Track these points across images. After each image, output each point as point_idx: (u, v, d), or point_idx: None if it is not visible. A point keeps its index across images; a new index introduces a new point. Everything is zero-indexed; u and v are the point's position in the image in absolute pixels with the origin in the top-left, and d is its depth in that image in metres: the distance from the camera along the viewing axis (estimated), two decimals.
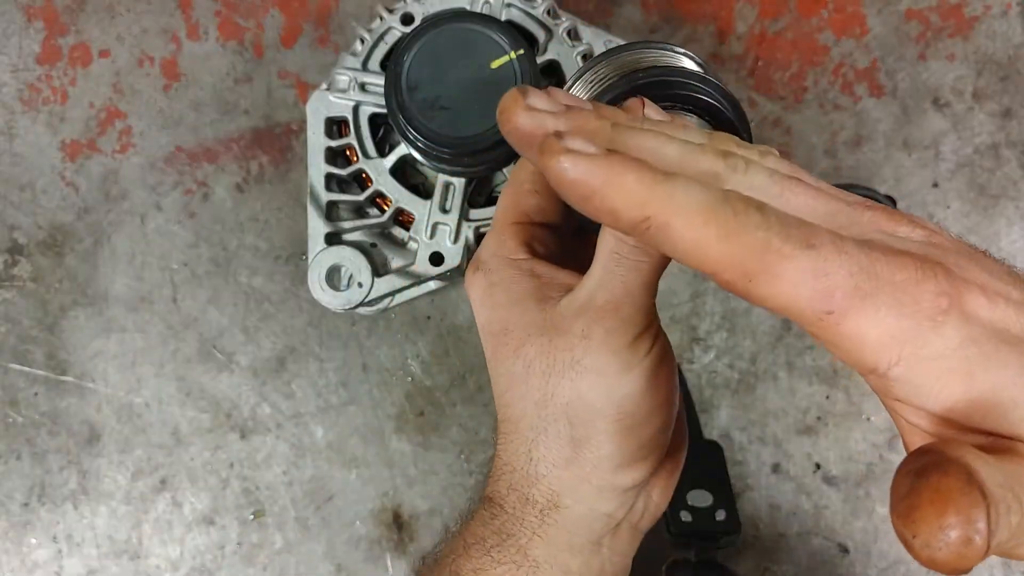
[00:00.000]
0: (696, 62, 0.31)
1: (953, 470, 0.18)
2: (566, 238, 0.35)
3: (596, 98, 0.28)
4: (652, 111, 0.27)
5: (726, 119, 0.28)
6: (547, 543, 0.31)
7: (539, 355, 0.31)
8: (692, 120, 0.29)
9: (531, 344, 0.31)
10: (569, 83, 0.31)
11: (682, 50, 0.31)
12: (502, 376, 0.32)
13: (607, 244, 0.29)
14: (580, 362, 0.30)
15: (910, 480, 0.18)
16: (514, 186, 0.33)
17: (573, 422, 0.30)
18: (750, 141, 0.29)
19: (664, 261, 0.29)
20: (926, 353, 0.20)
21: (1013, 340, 0.20)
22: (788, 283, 0.19)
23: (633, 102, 0.27)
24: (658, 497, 0.34)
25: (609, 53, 0.30)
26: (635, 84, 0.27)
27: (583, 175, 0.20)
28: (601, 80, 0.29)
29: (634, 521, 0.34)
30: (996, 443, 0.20)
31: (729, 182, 0.22)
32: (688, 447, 0.58)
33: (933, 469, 0.18)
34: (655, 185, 0.20)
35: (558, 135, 0.20)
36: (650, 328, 0.30)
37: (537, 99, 0.23)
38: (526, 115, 0.23)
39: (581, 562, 0.32)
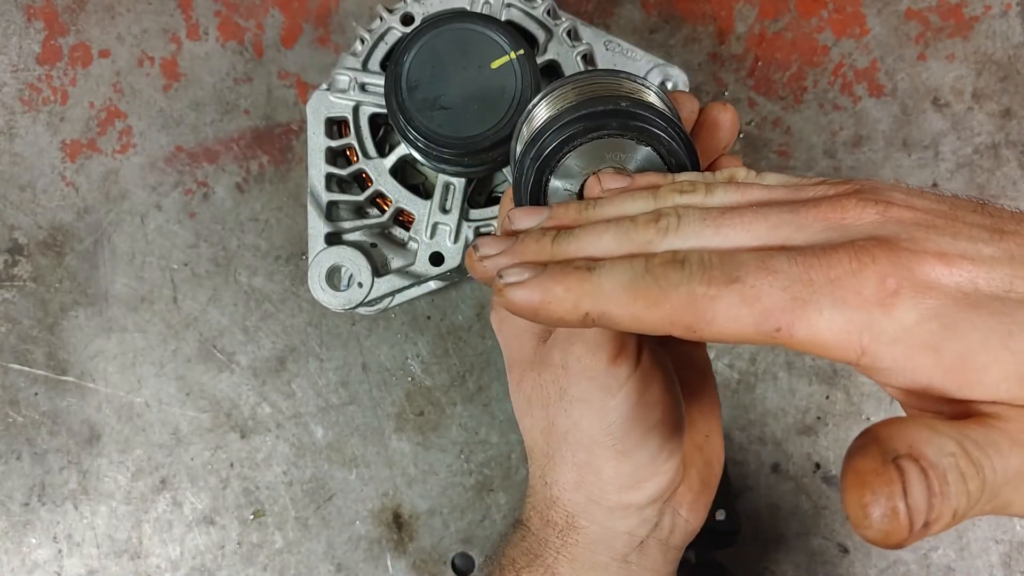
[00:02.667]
0: (660, 97, 0.32)
1: (872, 451, 0.19)
2: None
3: (555, 118, 0.30)
4: (610, 180, 0.28)
5: (677, 155, 0.29)
6: (571, 561, 0.33)
7: (534, 389, 0.33)
8: (642, 152, 0.29)
9: (527, 379, 0.33)
10: (537, 99, 0.32)
11: (651, 84, 0.32)
12: (515, 407, 0.35)
13: None
14: (567, 392, 0.31)
15: (844, 463, 0.19)
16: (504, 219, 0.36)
17: (573, 449, 0.32)
18: (695, 166, 0.30)
19: None
20: (884, 338, 0.20)
21: (982, 301, 0.20)
22: (726, 318, 0.21)
23: (591, 183, 0.29)
24: (687, 513, 0.35)
25: (578, 76, 0.31)
26: (591, 111, 0.29)
27: (524, 300, 0.23)
28: (564, 101, 0.31)
29: (662, 537, 0.34)
30: (970, 409, 0.21)
31: (661, 245, 0.24)
32: None
33: (856, 452, 0.19)
34: (581, 284, 0.22)
35: (500, 275, 0.24)
36: (626, 349, 0.31)
37: (486, 247, 0.26)
38: (480, 265, 0.26)
39: None
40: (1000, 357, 0.20)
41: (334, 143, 0.54)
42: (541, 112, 0.31)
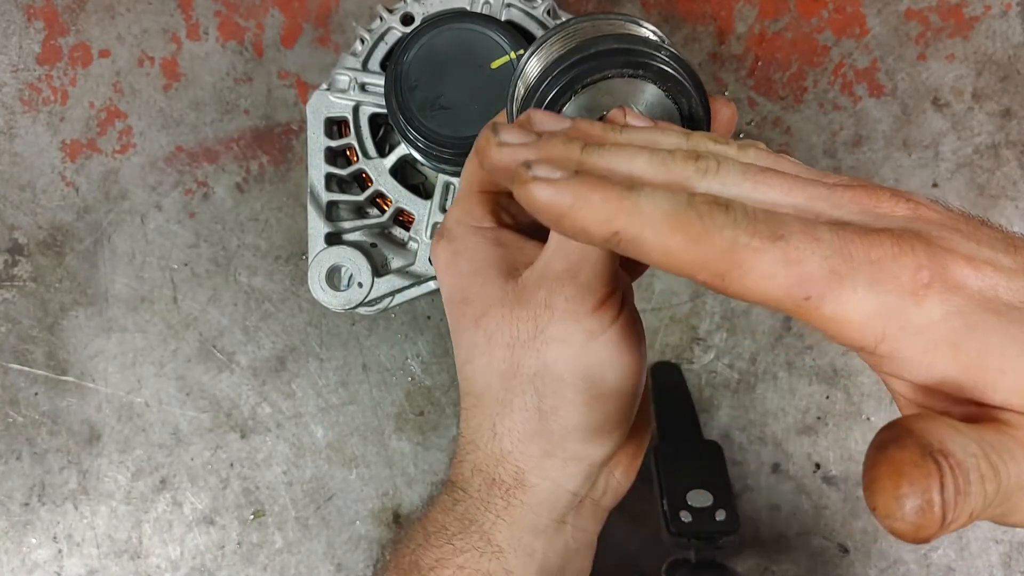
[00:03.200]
0: (652, 31, 0.30)
1: (909, 443, 0.18)
2: None
3: (550, 68, 0.28)
4: (633, 118, 0.27)
5: (682, 85, 0.28)
6: (511, 526, 0.31)
7: (500, 326, 0.30)
8: (652, 89, 0.28)
9: (491, 315, 0.31)
10: (526, 56, 0.30)
11: (639, 19, 0.30)
12: (463, 347, 0.32)
13: None
14: (544, 332, 0.29)
15: (872, 453, 0.19)
16: (475, 153, 0.33)
17: (540, 393, 0.30)
18: (706, 108, 0.29)
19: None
20: (910, 328, 0.20)
21: (1002, 308, 0.20)
22: (761, 276, 0.20)
23: (615, 112, 0.27)
24: (621, 476, 0.34)
25: (566, 24, 0.30)
26: (589, 53, 0.27)
27: (551, 199, 0.21)
28: (555, 50, 0.29)
29: (596, 498, 0.33)
30: (982, 412, 0.20)
31: (700, 185, 0.23)
32: (688, 447, 0.58)
33: (891, 443, 0.19)
34: (620, 200, 0.20)
35: (527, 165, 0.21)
36: (613, 295, 0.30)
37: (508, 134, 0.24)
38: (498, 151, 0.24)
39: (545, 542, 0.31)
40: (1018, 364, 0.20)
41: (334, 143, 0.54)
42: (533, 65, 0.30)
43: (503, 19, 0.52)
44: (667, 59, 0.27)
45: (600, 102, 0.28)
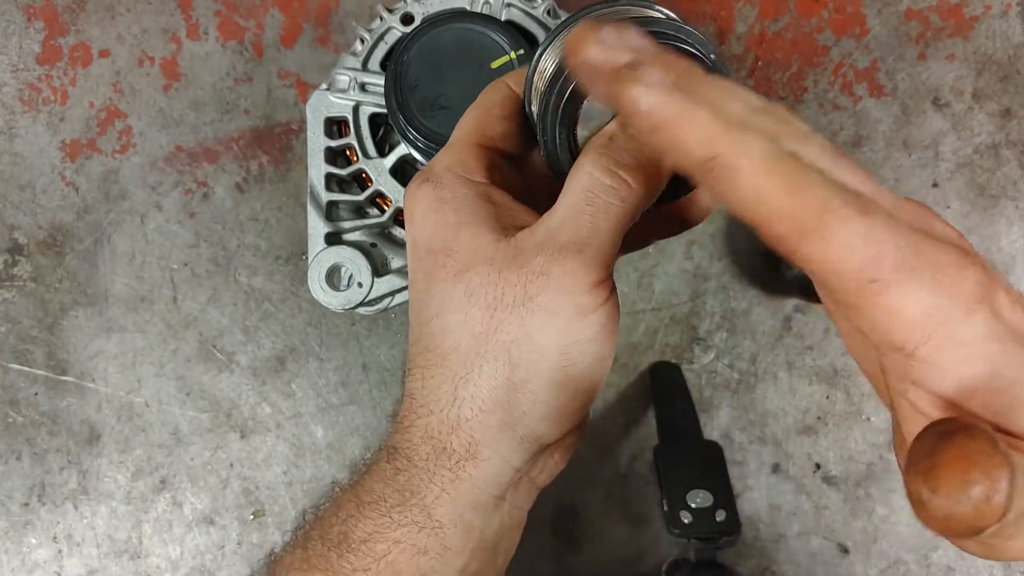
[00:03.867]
0: (667, 14, 0.30)
1: (980, 434, 0.18)
2: (526, 176, 0.33)
3: (564, 59, 0.27)
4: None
5: (701, 58, 0.28)
6: (454, 501, 0.29)
7: (484, 285, 0.29)
8: None
9: (477, 271, 0.29)
10: (542, 47, 0.30)
11: (652, 3, 0.30)
12: (434, 300, 0.30)
13: (581, 182, 0.28)
14: (533, 299, 0.28)
15: (934, 440, 0.19)
16: (481, 109, 0.32)
17: (514, 362, 0.28)
18: (723, 71, 0.29)
19: (638, 209, 0.28)
20: (956, 337, 0.20)
21: None
22: (841, 245, 0.20)
23: (693, 65, 0.26)
24: (559, 458, 0.33)
25: (582, 12, 0.29)
26: None
27: (657, 105, 0.20)
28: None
29: (533, 476, 0.32)
30: (947, 429, 0.21)
31: (788, 146, 0.22)
32: (688, 447, 0.58)
33: (959, 432, 0.19)
34: (728, 125, 0.20)
35: (631, 66, 0.21)
36: (608, 280, 0.29)
37: (608, 35, 0.23)
38: (597, 48, 0.23)
39: (484, 519, 0.30)
40: None
41: (334, 143, 0.54)
42: (548, 58, 0.29)
43: (503, 19, 0.52)
44: (690, 41, 0.27)
45: None
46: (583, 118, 0.29)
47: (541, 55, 0.30)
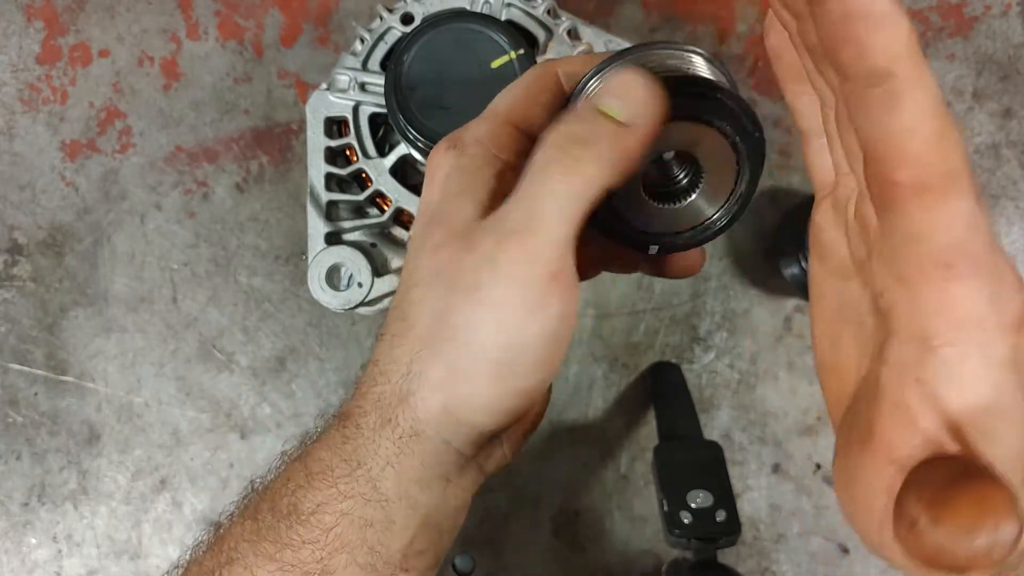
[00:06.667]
0: (711, 63, 0.30)
1: (1004, 487, 0.19)
2: None
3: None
4: None
5: (744, 132, 0.28)
6: (399, 475, 0.29)
7: (448, 265, 0.28)
8: (709, 132, 0.28)
9: (446, 249, 0.28)
10: (579, 87, 0.30)
11: (696, 50, 0.29)
12: (413, 269, 0.29)
13: (537, 155, 0.27)
14: (481, 289, 0.27)
15: (951, 472, 0.19)
16: (526, 90, 0.30)
17: (459, 349, 0.27)
18: (763, 147, 0.29)
19: (600, 190, 0.26)
20: (983, 349, 0.20)
21: None
22: (946, 216, 0.19)
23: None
24: (508, 449, 0.33)
25: (622, 54, 0.29)
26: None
27: None
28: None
29: (481, 463, 0.32)
30: (966, 469, 0.20)
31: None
32: (688, 447, 0.58)
33: (985, 475, 0.19)
34: (919, 52, 0.19)
35: None
36: (563, 274, 0.27)
37: None
38: None
39: (429, 496, 0.30)
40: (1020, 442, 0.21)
41: (334, 143, 0.54)
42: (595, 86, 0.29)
43: (503, 19, 0.52)
44: (728, 104, 0.27)
45: (662, 140, 0.28)
46: None
47: (586, 86, 0.30)
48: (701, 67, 0.30)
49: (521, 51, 0.49)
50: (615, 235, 0.30)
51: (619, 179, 0.27)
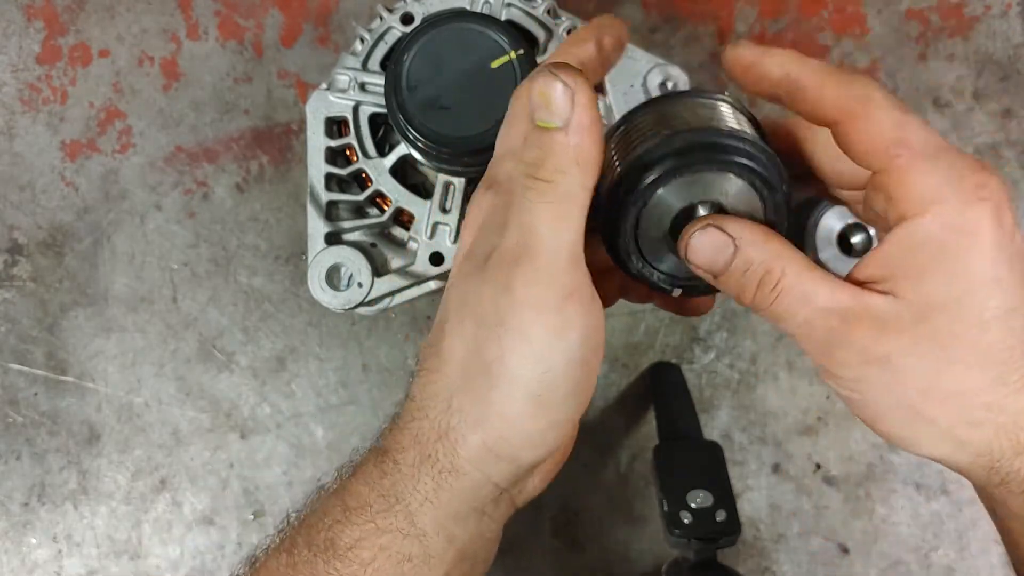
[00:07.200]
0: (737, 109, 0.31)
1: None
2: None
3: (637, 159, 0.28)
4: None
5: (762, 176, 0.28)
6: (436, 510, 0.29)
7: (472, 296, 0.28)
8: (732, 179, 0.29)
9: (471, 283, 0.28)
10: (609, 131, 0.30)
11: (725, 98, 0.31)
12: (448, 304, 0.30)
13: (515, 187, 0.28)
14: (505, 320, 0.27)
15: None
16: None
17: (493, 383, 0.28)
18: (789, 200, 0.29)
19: (580, 195, 0.27)
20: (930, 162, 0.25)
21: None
22: (878, 123, 0.26)
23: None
24: (539, 481, 0.33)
25: (650, 104, 0.30)
26: (676, 147, 0.28)
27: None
28: (642, 136, 0.29)
29: (514, 495, 0.32)
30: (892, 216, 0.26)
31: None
32: (688, 447, 0.58)
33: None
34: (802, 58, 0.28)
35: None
36: (579, 293, 0.28)
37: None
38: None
39: (464, 529, 0.30)
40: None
41: (334, 143, 0.54)
42: (622, 145, 0.30)
43: (503, 19, 0.52)
44: (754, 155, 0.28)
45: (689, 190, 0.29)
46: (654, 205, 0.29)
47: (619, 131, 0.30)
48: (728, 115, 0.30)
49: (521, 51, 0.49)
50: (641, 279, 0.31)
51: (590, 176, 0.27)
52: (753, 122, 0.31)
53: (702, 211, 0.29)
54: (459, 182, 0.53)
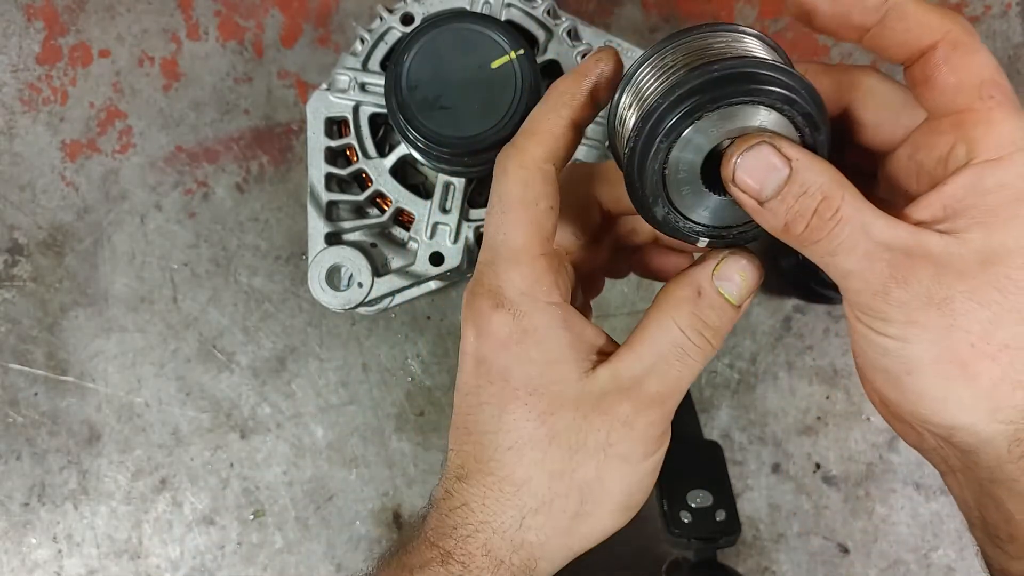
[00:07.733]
0: (767, 43, 0.29)
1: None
2: (580, 258, 0.34)
3: (667, 91, 0.26)
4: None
5: (804, 111, 0.26)
6: None
7: (568, 429, 0.30)
8: (770, 116, 0.26)
9: (562, 416, 0.29)
10: (633, 67, 0.28)
11: (750, 31, 0.28)
12: (510, 432, 0.30)
13: (671, 336, 0.30)
14: (613, 447, 0.30)
15: None
16: (525, 208, 0.29)
17: (583, 498, 0.30)
18: (829, 131, 0.28)
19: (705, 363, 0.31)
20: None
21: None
22: (980, 60, 0.26)
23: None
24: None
25: (675, 37, 0.28)
26: (710, 77, 0.26)
27: None
28: (669, 70, 0.27)
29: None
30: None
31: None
32: (688, 447, 0.58)
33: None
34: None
35: None
36: (669, 429, 0.31)
37: None
38: None
39: None
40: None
41: (334, 143, 0.54)
42: (648, 78, 0.28)
43: (503, 19, 0.52)
44: (798, 88, 0.26)
45: (722, 127, 0.27)
46: (682, 145, 0.27)
47: (638, 70, 0.29)
48: (760, 48, 0.28)
49: (521, 51, 0.49)
50: (664, 228, 0.30)
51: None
52: (780, 52, 0.29)
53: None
54: (459, 182, 0.53)
